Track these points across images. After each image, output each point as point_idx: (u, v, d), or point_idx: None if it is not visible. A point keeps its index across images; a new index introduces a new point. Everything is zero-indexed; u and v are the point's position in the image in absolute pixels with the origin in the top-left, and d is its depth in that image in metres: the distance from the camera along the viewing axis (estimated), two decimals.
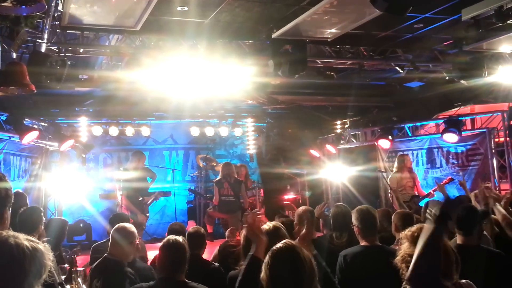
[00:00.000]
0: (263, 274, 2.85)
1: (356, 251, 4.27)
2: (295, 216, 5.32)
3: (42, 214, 5.07)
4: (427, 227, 2.63)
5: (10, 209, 2.85)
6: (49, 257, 1.96)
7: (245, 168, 11.93)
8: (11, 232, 1.97)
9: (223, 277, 4.42)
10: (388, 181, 9.89)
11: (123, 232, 4.57)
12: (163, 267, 3.99)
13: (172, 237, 4.12)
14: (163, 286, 3.86)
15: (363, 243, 4.35)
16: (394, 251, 3.38)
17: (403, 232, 3.05)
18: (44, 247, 1.96)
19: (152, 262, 5.49)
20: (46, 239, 4.53)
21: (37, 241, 1.97)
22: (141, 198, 9.21)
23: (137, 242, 4.73)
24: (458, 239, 4.14)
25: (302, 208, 5.47)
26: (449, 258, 2.88)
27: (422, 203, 8.73)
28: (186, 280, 3.91)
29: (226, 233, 6.01)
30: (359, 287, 3.97)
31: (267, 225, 3.99)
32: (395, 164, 10.18)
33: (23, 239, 1.92)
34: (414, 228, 3.00)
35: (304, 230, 4.17)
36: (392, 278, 2.97)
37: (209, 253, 5.83)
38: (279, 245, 2.93)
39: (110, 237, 4.70)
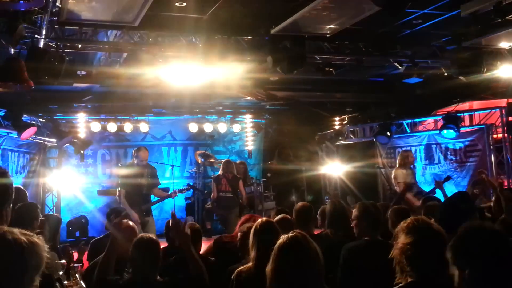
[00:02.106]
0: (268, 266, 2.82)
1: (359, 245, 4.26)
2: (293, 212, 5.30)
3: (38, 210, 5.07)
4: None
5: (11, 205, 2.83)
6: (45, 248, 1.97)
7: (244, 165, 11.93)
8: (5, 228, 1.97)
9: (220, 271, 4.41)
10: (393, 177, 9.70)
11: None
12: (135, 267, 3.75)
13: (145, 234, 3.93)
14: (135, 285, 3.67)
15: (365, 237, 4.35)
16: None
17: (398, 226, 3.04)
18: (39, 239, 1.97)
19: None
20: (38, 230, 4.51)
21: (32, 234, 1.97)
22: (146, 193, 8.98)
23: None
24: None
25: (300, 204, 5.45)
26: None
27: None
28: (160, 279, 3.74)
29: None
30: (360, 281, 3.97)
31: (260, 220, 3.96)
32: (398, 160, 9.97)
33: (19, 233, 1.93)
34: (409, 220, 2.99)
35: None
36: (393, 273, 2.97)
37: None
38: (286, 237, 2.87)
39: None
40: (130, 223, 4.71)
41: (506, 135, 10.35)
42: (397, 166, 9.65)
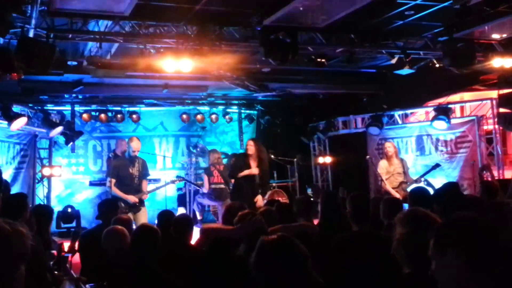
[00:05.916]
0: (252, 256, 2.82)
1: (348, 236, 4.27)
2: (294, 203, 5.30)
3: (27, 200, 5.04)
4: None
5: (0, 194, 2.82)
6: (30, 236, 1.97)
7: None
8: None
9: (212, 261, 4.40)
10: (377, 168, 10.01)
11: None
12: (136, 254, 3.80)
13: (146, 224, 4.10)
14: (136, 273, 3.70)
15: (355, 228, 4.36)
16: (385, 237, 3.35)
17: (396, 217, 3.03)
18: (23, 227, 1.96)
19: None
20: (20, 218, 4.48)
21: (15, 223, 1.96)
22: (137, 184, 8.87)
23: None
24: None
25: (301, 196, 5.48)
26: None
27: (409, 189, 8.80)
28: (158, 267, 3.77)
29: None
30: (350, 272, 3.98)
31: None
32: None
33: (2, 222, 1.92)
34: (406, 211, 3.00)
35: None
36: (384, 263, 2.97)
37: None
38: (271, 237, 2.83)
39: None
40: (124, 216, 4.70)
41: (496, 126, 10.41)
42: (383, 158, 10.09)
